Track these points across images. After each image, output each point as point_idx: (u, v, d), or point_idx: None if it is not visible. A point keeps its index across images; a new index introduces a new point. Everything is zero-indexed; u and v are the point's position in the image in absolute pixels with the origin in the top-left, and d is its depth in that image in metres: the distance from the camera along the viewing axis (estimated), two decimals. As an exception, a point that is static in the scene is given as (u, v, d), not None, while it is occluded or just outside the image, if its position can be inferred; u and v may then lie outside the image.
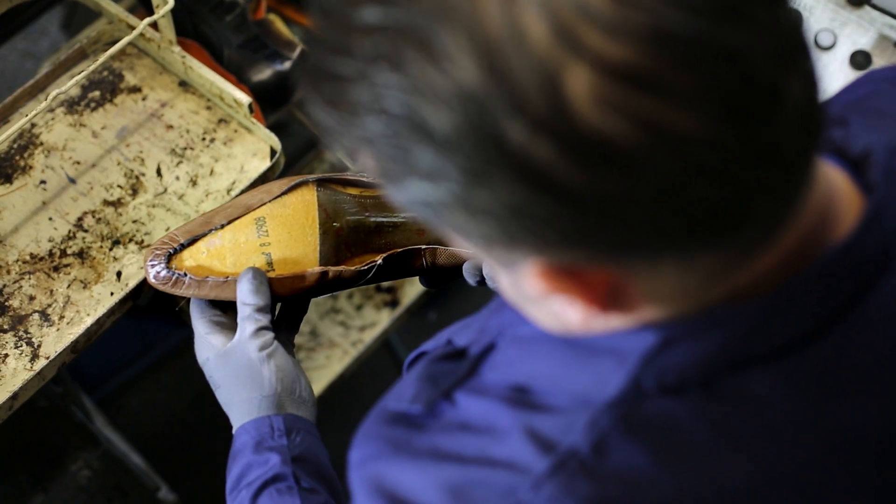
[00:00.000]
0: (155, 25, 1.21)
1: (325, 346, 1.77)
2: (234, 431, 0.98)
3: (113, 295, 1.11)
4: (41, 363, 1.06)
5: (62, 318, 1.09)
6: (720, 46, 0.50)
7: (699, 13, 0.49)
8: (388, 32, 0.51)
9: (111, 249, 1.14)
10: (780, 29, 0.52)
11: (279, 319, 1.04)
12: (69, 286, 1.11)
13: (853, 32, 1.25)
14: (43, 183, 1.18)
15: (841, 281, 0.60)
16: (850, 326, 0.61)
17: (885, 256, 0.62)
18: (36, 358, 1.07)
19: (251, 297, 0.98)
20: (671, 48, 0.49)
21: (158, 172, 1.20)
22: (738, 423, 0.60)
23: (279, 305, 1.05)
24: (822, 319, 0.60)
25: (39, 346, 1.07)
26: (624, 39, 0.49)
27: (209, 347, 0.99)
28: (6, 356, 1.06)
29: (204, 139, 1.22)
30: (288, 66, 1.35)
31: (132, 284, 1.12)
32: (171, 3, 1.16)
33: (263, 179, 1.21)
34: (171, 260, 1.02)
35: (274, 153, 1.21)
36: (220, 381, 0.98)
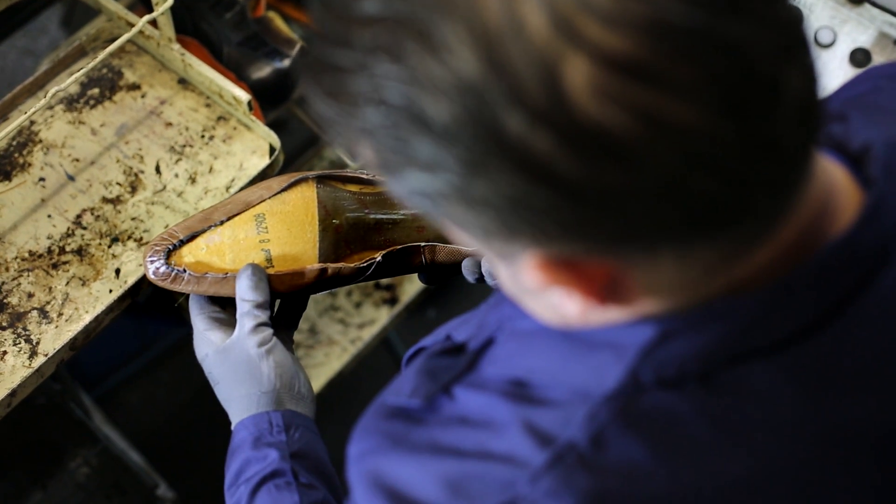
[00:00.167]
0: (154, 23, 1.21)
1: (323, 343, 1.77)
2: (232, 427, 0.98)
3: (112, 292, 1.11)
4: (40, 360, 1.06)
5: (61, 315, 1.09)
6: (720, 39, 0.50)
7: (699, 5, 0.49)
8: (387, 23, 0.51)
9: (110, 247, 1.14)
10: (779, 22, 0.52)
11: (278, 316, 1.04)
12: (68, 283, 1.11)
13: (853, 30, 1.25)
14: (42, 180, 1.18)
15: (840, 275, 0.60)
16: (849, 320, 0.61)
17: (884, 251, 0.61)
18: (34, 355, 1.07)
19: (250, 293, 0.98)
20: (671, 40, 0.49)
21: (157, 170, 1.20)
22: (737, 416, 0.60)
23: (278, 302, 1.05)
24: (821, 313, 0.60)
25: (38, 343, 1.07)
26: (623, 31, 0.49)
27: (208, 344, 0.99)
28: (5, 353, 1.06)
29: (203, 136, 1.22)
30: (287, 63, 1.35)
31: (131, 282, 1.12)
32: (170, 0, 1.16)
33: (262, 177, 1.21)
34: (170, 256, 1.02)
35: (273, 150, 1.21)
36: (218, 377, 0.98)
